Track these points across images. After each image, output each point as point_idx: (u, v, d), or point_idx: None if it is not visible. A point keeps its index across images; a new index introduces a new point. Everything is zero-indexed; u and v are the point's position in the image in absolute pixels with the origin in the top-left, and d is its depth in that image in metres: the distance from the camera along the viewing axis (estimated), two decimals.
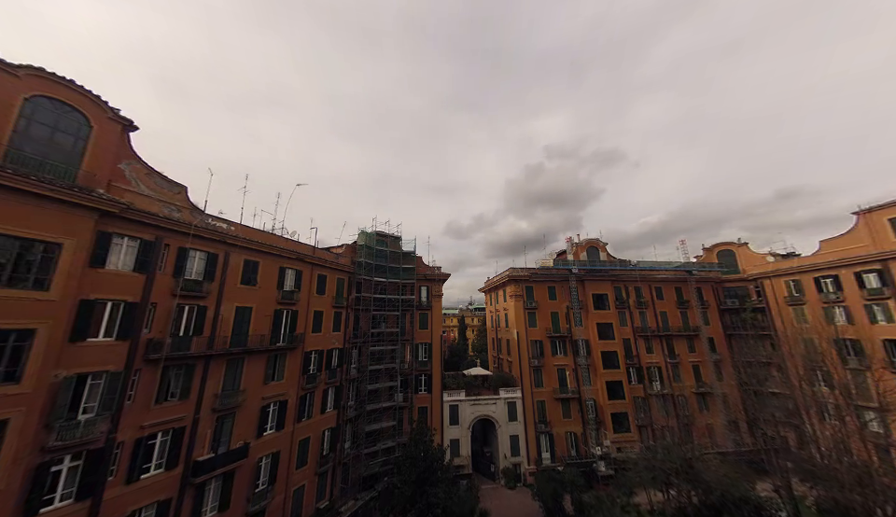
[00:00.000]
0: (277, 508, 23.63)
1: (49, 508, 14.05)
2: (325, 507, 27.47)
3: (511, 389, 40.30)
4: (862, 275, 34.89)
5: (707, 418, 40.21)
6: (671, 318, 44.82)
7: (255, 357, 23.32)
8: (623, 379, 40.35)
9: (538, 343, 41.94)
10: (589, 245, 46.76)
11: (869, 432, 26.84)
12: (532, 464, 37.62)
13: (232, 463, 20.81)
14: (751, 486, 25.26)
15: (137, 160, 18.59)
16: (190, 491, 18.94)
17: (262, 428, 23.39)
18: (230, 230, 22.65)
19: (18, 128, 14.66)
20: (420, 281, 39.86)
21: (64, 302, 14.61)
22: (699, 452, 28.11)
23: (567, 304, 42.88)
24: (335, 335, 31.21)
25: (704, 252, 51.46)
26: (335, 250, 34.81)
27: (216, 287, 21.43)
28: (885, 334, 32.55)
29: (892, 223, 33.16)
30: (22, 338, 13.47)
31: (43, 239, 14.26)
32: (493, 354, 54.67)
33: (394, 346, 35.26)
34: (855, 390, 25.94)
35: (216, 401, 20.62)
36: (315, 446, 27.44)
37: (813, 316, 37.62)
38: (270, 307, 24.92)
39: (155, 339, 18.09)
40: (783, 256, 46.54)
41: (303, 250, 28.30)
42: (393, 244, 37.95)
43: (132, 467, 16.87)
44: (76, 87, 16.11)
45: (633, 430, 38.76)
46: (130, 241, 17.64)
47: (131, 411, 16.97)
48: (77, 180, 15.57)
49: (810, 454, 24.64)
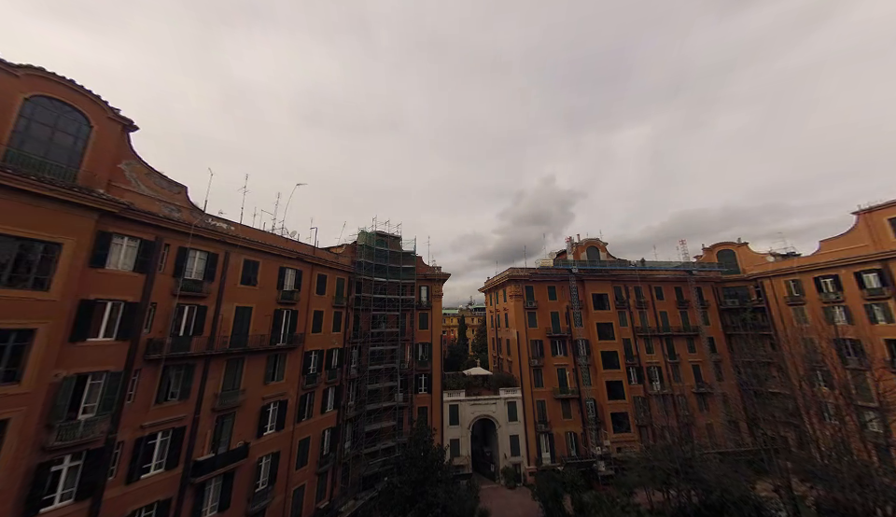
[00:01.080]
0: (277, 508, 23.63)
1: (49, 508, 14.04)
2: (325, 507, 27.48)
3: (511, 389, 40.30)
4: (862, 275, 34.89)
5: (706, 418, 40.22)
6: (671, 318, 44.81)
7: (255, 357, 23.32)
8: (623, 379, 40.35)
9: (538, 343, 41.93)
10: (589, 245, 46.74)
11: (869, 432, 26.82)
12: (532, 464, 37.62)
13: (232, 463, 20.81)
14: (751, 486, 25.24)
15: (137, 160, 18.59)
16: (190, 491, 18.94)
17: (262, 428, 23.39)
18: (230, 230, 22.65)
19: (18, 128, 14.66)
20: (420, 281, 39.87)
21: (64, 302, 14.60)
22: (699, 452, 28.12)
23: (567, 304, 42.87)
24: (335, 335, 31.21)
25: (704, 252, 51.45)
26: (335, 250, 34.80)
27: (216, 287, 21.43)
28: (885, 334, 32.57)
29: (892, 223, 33.17)
30: (22, 338, 13.47)
31: (43, 239, 14.25)
32: (493, 354, 54.67)
33: (394, 346, 35.25)
34: (855, 390, 25.94)
35: (216, 401, 20.61)
36: (315, 446, 27.44)
37: (813, 316, 37.62)
38: (270, 307, 24.92)
39: (155, 339, 18.08)
40: (783, 256, 46.52)
41: (303, 250, 28.30)
42: (393, 244, 37.95)
43: (132, 467, 16.86)
44: (75, 87, 16.11)
45: (633, 430, 38.76)
46: (130, 241, 17.63)
47: (131, 410, 16.96)
48: (77, 180, 15.56)
49: (810, 454, 24.62)
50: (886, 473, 21.78)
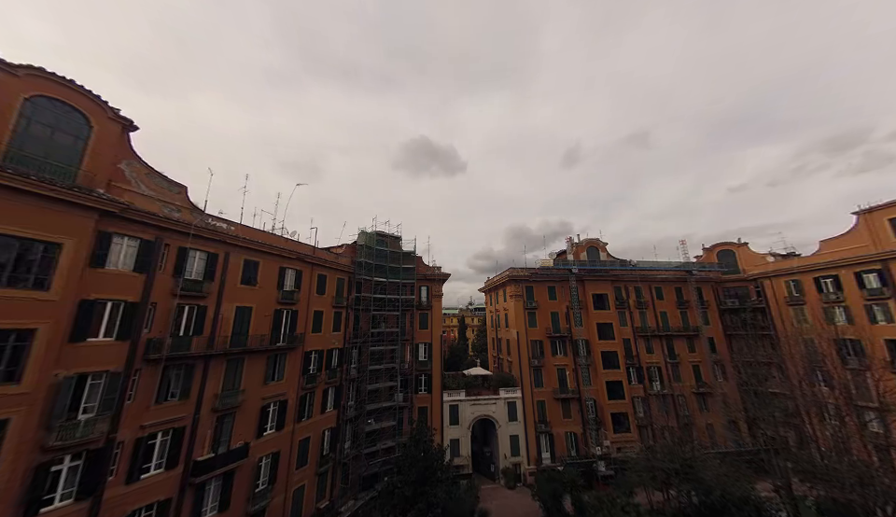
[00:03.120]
0: (277, 508, 23.63)
1: (49, 507, 14.04)
2: (325, 507, 27.48)
3: (511, 389, 40.29)
4: (862, 275, 34.88)
5: (706, 418, 40.22)
6: (671, 318, 44.80)
7: (255, 357, 23.32)
8: (622, 379, 40.33)
9: (538, 343, 41.93)
10: (589, 245, 46.74)
11: (869, 432, 26.81)
12: (532, 464, 37.61)
13: (232, 463, 20.81)
14: (751, 486, 25.22)
15: (137, 160, 18.60)
16: (190, 491, 18.94)
17: (262, 428, 23.40)
18: (230, 230, 22.65)
19: (18, 128, 14.66)
20: (420, 281, 39.87)
21: (64, 302, 14.61)
22: (699, 452, 28.10)
23: (567, 304, 42.86)
24: (335, 335, 31.21)
25: (704, 252, 51.42)
26: (335, 250, 34.80)
27: (216, 287, 21.43)
28: (885, 334, 32.55)
29: (892, 223, 33.16)
30: (22, 338, 13.47)
31: (43, 239, 14.26)
32: (493, 354, 54.66)
33: (394, 346, 35.24)
34: (855, 390, 25.92)
35: (216, 401, 20.61)
36: (315, 446, 27.45)
37: (813, 316, 37.62)
38: (270, 307, 24.92)
39: (155, 339, 18.08)
40: (783, 256, 46.51)
41: (303, 250, 28.29)
42: (393, 243, 37.95)
43: (132, 466, 16.87)
44: (76, 87, 16.11)
45: (633, 430, 38.74)
46: (130, 241, 17.62)
47: (131, 410, 16.96)
48: (77, 180, 15.56)
49: (810, 454, 24.58)
50: (886, 473, 21.74)
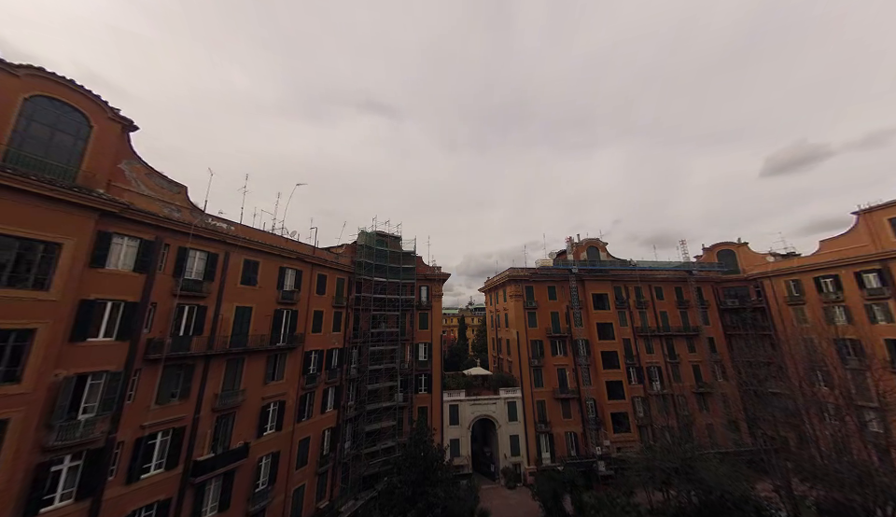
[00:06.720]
0: (277, 508, 23.63)
1: (49, 507, 14.05)
2: (325, 507, 27.48)
3: (511, 389, 40.30)
4: (862, 275, 34.88)
5: (706, 418, 40.19)
6: (671, 318, 44.79)
7: (255, 357, 23.32)
8: (622, 379, 40.32)
9: (538, 343, 41.92)
10: (589, 245, 46.71)
11: (869, 432, 26.79)
12: (532, 464, 37.62)
13: (232, 463, 20.81)
14: (751, 486, 25.21)
15: (137, 160, 18.60)
16: (190, 491, 18.95)
17: (262, 428, 23.40)
18: (230, 229, 22.65)
19: (18, 128, 14.66)
20: (420, 281, 39.87)
21: (64, 302, 14.61)
22: (699, 452, 28.08)
23: (567, 304, 42.86)
24: (335, 335, 31.21)
25: (704, 252, 51.42)
26: (335, 250, 34.79)
27: (216, 287, 21.43)
28: (885, 334, 32.57)
29: (892, 223, 33.16)
30: (22, 338, 13.48)
31: (43, 239, 14.27)
32: (493, 354, 54.65)
33: (394, 346, 35.24)
34: (855, 390, 25.90)
35: (216, 401, 20.61)
36: (314, 446, 27.45)
37: (813, 316, 37.62)
38: (270, 307, 24.92)
39: (155, 339, 18.09)
40: (783, 256, 46.52)
41: (303, 250, 28.29)
42: (393, 244, 37.96)
43: (132, 466, 16.87)
44: (76, 87, 16.12)
45: (633, 430, 38.74)
46: (130, 241, 17.63)
47: (131, 410, 16.96)
48: (76, 180, 15.57)
49: (810, 454, 24.57)
50: (886, 473, 21.73)
